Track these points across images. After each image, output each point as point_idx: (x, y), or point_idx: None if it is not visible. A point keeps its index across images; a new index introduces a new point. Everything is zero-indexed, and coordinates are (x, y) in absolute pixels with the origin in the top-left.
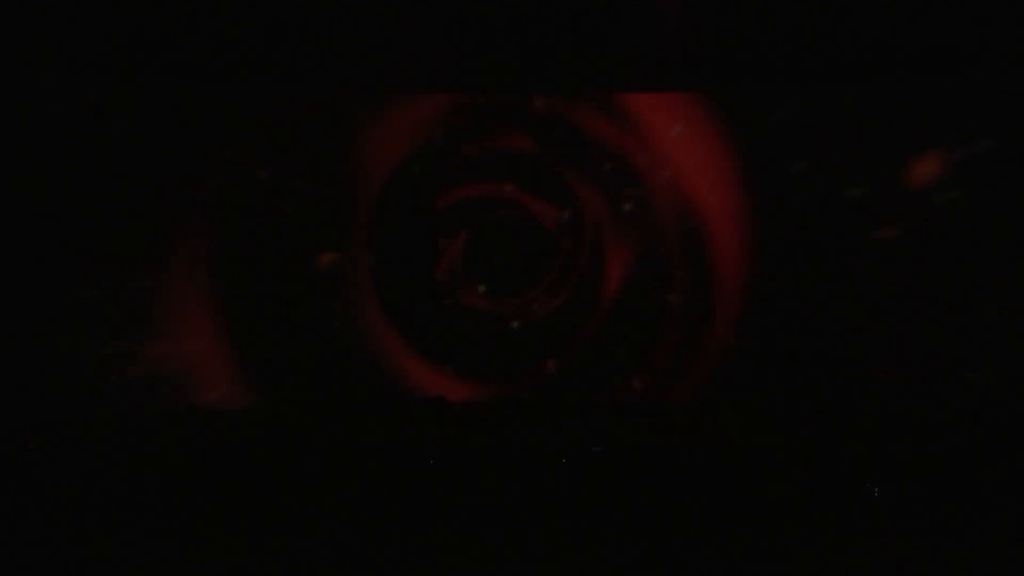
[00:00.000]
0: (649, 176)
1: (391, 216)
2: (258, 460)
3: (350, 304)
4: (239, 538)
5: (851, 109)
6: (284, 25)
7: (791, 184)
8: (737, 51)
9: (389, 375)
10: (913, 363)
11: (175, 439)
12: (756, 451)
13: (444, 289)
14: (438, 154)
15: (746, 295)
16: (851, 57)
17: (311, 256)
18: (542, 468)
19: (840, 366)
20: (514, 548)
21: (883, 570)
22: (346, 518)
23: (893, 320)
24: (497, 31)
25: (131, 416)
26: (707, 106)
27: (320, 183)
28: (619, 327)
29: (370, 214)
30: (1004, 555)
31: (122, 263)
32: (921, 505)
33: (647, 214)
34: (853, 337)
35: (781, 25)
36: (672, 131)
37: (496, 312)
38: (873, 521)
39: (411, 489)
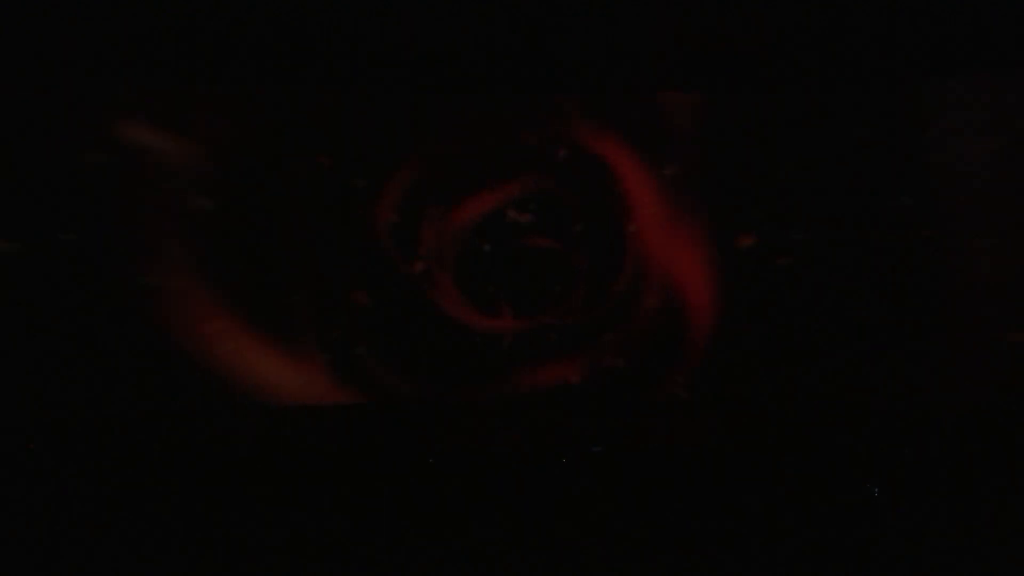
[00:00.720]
0: None
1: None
2: (250, 462)
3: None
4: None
5: None
6: (284, 25)
7: None
8: (735, 54)
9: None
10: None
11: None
12: (755, 451)
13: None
14: (438, 155)
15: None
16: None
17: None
18: (542, 468)
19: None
20: (514, 548)
21: (883, 570)
22: (343, 520)
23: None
24: (499, 31)
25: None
26: None
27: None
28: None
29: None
30: (1004, 555)
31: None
32: (921, 505)
33: None
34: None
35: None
36: None
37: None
38: (873, 521)
39: (410, 490)
